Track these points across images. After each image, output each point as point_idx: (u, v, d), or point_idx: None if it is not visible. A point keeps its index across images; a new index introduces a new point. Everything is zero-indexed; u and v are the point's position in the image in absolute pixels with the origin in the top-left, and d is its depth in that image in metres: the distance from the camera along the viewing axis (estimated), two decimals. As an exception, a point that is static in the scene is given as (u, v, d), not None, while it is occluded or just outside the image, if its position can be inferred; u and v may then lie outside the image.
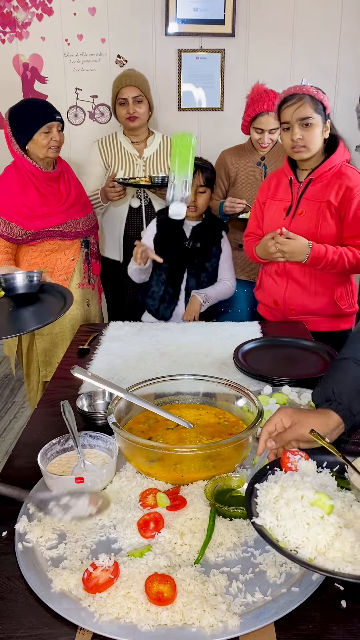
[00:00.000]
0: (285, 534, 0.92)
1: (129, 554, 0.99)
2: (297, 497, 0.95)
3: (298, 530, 0.91)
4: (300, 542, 0.90)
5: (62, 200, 2.44)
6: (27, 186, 2.37)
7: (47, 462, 1.21)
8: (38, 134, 2.29)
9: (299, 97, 1.97)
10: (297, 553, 0.90)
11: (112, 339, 1.99)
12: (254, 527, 0.94)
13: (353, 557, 0.88)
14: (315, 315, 2.15)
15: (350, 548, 0.89)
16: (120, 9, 3.39)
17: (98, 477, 1.14)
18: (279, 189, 2.20)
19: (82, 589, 0.92)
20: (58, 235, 2.44)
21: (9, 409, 3.46)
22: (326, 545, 0.89)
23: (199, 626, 0.86)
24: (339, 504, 0.96)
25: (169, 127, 3.48)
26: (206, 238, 2.33)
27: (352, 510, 0.96)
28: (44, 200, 2.40)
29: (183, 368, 1.72)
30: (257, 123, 2.71)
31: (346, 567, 0.85)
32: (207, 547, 1.00)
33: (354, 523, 0.93)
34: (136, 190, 2.86)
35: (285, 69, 3.52)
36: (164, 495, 1.10)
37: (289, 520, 0.93)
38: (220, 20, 3.39)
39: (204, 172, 2.25)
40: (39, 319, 1.63)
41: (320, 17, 3.41)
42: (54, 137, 2.32)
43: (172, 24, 3.39)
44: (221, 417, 1.36)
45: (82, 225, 2.51)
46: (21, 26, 3.42)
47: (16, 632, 0.87)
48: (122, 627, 0.86)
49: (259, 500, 0.99)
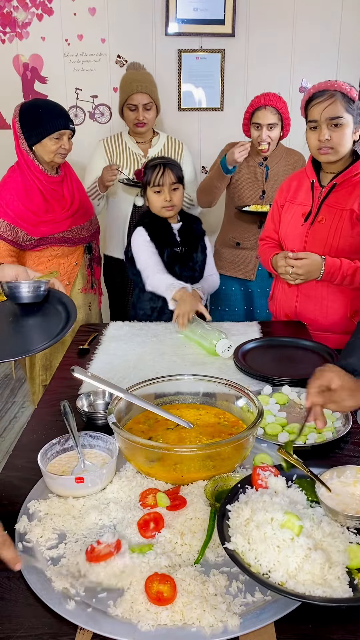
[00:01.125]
0: (257, 558, 0.92)
1: (131, 549, 0.99)
2: (267, 520, 0.95)
3: (269, 554, 0.91)
4: (271, 566, 0.90)
5: (67, 206, 2.43)
6: (31, 190, 2.36)
7: (47, 462, 1.21)
8: (49, 138, 2.28)
9: (330, 94, 1.83)
10: (268, 577, 0.89)
11: (112, 339, 1.99)
12: (226, 552, 0.94)
13: (323, 579, 0.88)
14: (328, 332, 2.03)
15: (319, 570, 0.89)
16: (120, 9, 3.39)
17: (98, 477, 1.14)
18: (299, 191, 2.07)
19: (84, 560, 0.97)
20: (62, 242, 2.44)
21: (9, 409, 3.46)
22: (296, 568, 0.89)
23: (199, 626, 0.86)
24: (308, 523, 0.96)
25: (169, 127, 3.49)
26: (192, 238, 2.29)
27: (321, 527, 0.96)
28: (49, 206, 2.38)
29: (183, 368, 1.72)
30: (255, 118, 2.69)
31: (316, 589, 0.86)
32: (207, 547, 1.00)
33: (323, 542, 0.94)
34: (140, 189, 2.86)
35: (285, 69, 3.52)
36: (164, 495, 1.10)
37: (259, 543, 0.92)
38: (220, 20, 3.39)
39: (173, 169, 2.21)
40: (38, 338, 1.37)
41: (320, 17, 3.41)
42: (64, 144, 2.31)
43: (172, 24, 3.39)
44: (221, 417, 1.36)
45: (85, 231, 2.52)
46: (21, 26, 3.42)
47: (16, 632, 0.87)
48: (122, 627, 0.86)
49: (230, 523, 0.99)
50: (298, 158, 2.87)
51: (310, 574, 0.88)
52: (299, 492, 1.07)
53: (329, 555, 0.91)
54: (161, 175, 2.18)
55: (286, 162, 2.83)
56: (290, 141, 2.91)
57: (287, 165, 2.81)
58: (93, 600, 0.91)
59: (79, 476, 1.12)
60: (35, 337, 1.38)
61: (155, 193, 2.21)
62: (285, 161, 2.83)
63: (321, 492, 1.04)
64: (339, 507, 1.01)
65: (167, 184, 2.19)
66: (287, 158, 2.84)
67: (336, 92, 1.83)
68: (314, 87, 1.89)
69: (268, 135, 2.70)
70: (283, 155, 2.84)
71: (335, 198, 1.96)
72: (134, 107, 2.79)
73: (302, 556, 0.90)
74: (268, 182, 2.80)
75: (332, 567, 0.89)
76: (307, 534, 0.94)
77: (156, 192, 2.20)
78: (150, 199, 2.24)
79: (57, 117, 2.29)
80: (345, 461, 1.24)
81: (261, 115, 2.67)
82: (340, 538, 0.95)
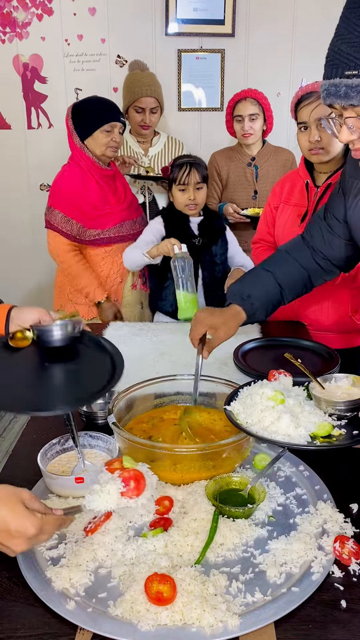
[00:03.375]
0: (246, 418, 1.18)
1: (143, 534, 1.02)
2: (259, 393, 1.20)
3: (253, 415, 1.17)
4: (253, 422, 1.16)
5: (122, 198, 2.48)
6: (89, 182, 2.40)
7: (47, 462, 1.21)
8: (100, 131, 2.32)
9: (317, 96, 1.82)
10: (247, 427, 1.15)
11: (112, 339, 1.98)
12: (225, 412, 1.22)
13: (286, 433, 1.12)
14: (329, 331, 2.03)
15: (285, 427, 1.12)
16: (120, 9, 3.39)
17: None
18: (293, 192, 2.06)
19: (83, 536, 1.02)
20: (117, 241, 2.47)
21: (9, 409, 3.46)
22: (270, 424, 1.13)
23: (199, 626, 0.86)
24: (292, 401, 1.18)
25: (169, 127, 3.49)
26: (212, 232, 2.35)
27: (301, 407, 1.18)
28: (105, 197, 2.43)
29: (183, 368, 1.72)
30: (236, 111, 2.74)
31: (278, 437, 1.11)
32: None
33: (300, 415, 1.15)
34: (140, 187, 2.88)
35: (285, 69, 3.52)
36: (129, 458, 1.05)
37: (249, 408, 1.19)
38: (220, 20, 3.39)
39: (198, 169, 2.27)
40: (84, 387, 1.17)
41: (320, 17, 3.41)
42: (115, 137, 2.35)
43: (172, 24, 3.39)
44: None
45: (138, 225, 2.54)
46: (21, 26, 3.42)
47: (16, 632, 0.87)
48: (122, 627, 0.86)
49: (237, 396, 1.25)
50: (287, 156, 2.89)
51: (276, 427, 1.12)
52: (301, 390, 1.26)
53: (300, 422, 1.13)
54: (187, 175, 2.25)
55: (275, 160, 2.84)
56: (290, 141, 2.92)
57: (276, 164, 2.83)
58: (93, 600, 0.91)
59: (79, 476, 1.12)
60: (80, 386, 1.18)
61: (180, 191, 2.28)
62: (275, 159, 2.84)
63: (315, 389, 1.22)
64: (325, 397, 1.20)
65: (192, 183, 2.26)
66: (276, 156, 2.85)
67: None
68: (301, 89, 1.92)
69: (250, 127, 2.73)
70: (272, 154, 2.85)
71: None
72: (141, 110, 2.83)
73: (276, 417, 1.13)
74: (259, 182, 2.81)
75: (297, 428, 1.11)
76: (288, 407, 1.16)
77: (181, 190, 2.27)
78: (175, 196, 2.31)
79: (107, 110, 2.34)
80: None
81: (241, 107, 2.71)
82: (317, 415, 1.16)
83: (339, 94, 1.11)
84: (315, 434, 1.13)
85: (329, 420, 1.15)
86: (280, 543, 1.02)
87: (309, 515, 1.09)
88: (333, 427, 1.14)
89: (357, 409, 1.16)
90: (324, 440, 1.12)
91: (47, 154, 3.51)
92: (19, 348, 1.24)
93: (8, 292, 3.88)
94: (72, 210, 2.39)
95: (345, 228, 1.56)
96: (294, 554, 0.99)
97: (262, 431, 1.13)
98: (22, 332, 1.24)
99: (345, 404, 1.16)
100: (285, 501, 1.14)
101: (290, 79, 3.52)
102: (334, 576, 0.96)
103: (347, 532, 1.04)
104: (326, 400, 1.18)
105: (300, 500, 1.14)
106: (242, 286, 1.57)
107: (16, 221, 3.73)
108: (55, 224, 2.42)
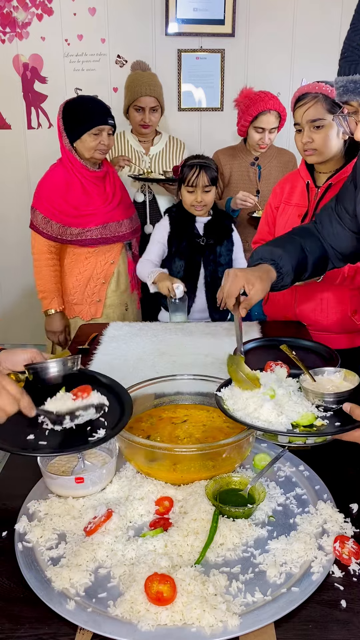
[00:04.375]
0: (233, 404, 1.22)
1: (143, 534, 1.02)
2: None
3: (239, 402, 1.21)
4: (238, 408, 1.20)
5: (108, 199, 2.47)
6: (72, 183, 2.41)
7: (47, 462, 1.21)
8: (87, 134, 2.32)
9: (312, 97, 1.85)
10: (232, 412, 1.19)
11: (112, 339, 1.99)
12: (215, 398, 1.26)
13: (267, 420, 1.15)
14: (329, 331, 2.03)
15: (267, 414, 1.15)
16: (120, 9, 3.39)
17: (98, 477, 1.14)
18: (294, 193, 2.07)
19: (83, 536, 1.03)
20: (100, 242, 2.46)
21: (9, 409, 3.46)
22: (253, 410, 1.17)
23: (199, 626, 0.86)
24: (282, 391, 1.22)
25: (169, 126, 3.49)
26: (218, 233, 2.37)
27: (289, 397, 1.21)
28: (90, 199, 2.43)
29: (183, 368, 1.72)
30: (259, 122, 2.70)
31: (258, 422, 1.14)
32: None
33: (285, 405, 1.18)
34: (141, 186, 2.89)
35: (285, 69, 3.52)
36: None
37: (237, 394, 1.23)
38: (220, 20, 3.39)
39: (208, 171, 2.29)
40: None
41: (320, 17, 3.41)
42: (103, 140, 2.34)
43: (172, 24, 3.39)
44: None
45: (124, 227, 2.53)
46: (21, 26, 3.42)
47: (16, 632, 0.87)
48: (122, 627, 0.86)
49: (230, 385, 1.28)
50: (289, 157, 2.89)
51: (258, 414, 1.15)
52: (294, 382, 1.28)
53: (284, 410, 1.16)
54: (196, 177, 2.28)
55: (278, 161, 2.85)
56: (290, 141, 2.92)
57: (279, 165, 2.84)
58: (93, 600, 0.91)
59: (79, 476, 1.12)
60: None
61: (188, 192, 2.31)
62: (277, 160, 2.85)
63: (306, 381, 1.24)
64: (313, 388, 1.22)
65: (200, 185, 2.28)
66: (279, 157, 2.86)
67: (318, 94, 1.85)
68: (298, 90, 1.92)
69: (269, 138, 2.74)
70: (275, 155, 2.85)
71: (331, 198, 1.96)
72: (141, 109, 2.83)
73: (259, 404, 1.17)
74: (261, 182, 2.81)
75: (280, 416, 1.14)
76: (275, 396, 1.19)
77: (189, 192, 2.30)
78: (183, 196, 2.34)
79: (95, 114, 2.33)
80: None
81: (265, 120, 2.69)
82: (303, 406, 1.18)
83: (358, 91, 1.09)
84: (298, 423, 1.15)
85: (313, 411, 1.17)
86: (280, 543, 1.02)
87: (309, 515, 1.09)
88: (316, 417, 1.15)
89: (343, 401, 1.16)
90: (304, 429, 1.13)
91: (47, 153, 3.50)
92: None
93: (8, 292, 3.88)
94: (52, 211, 2.40)
95: (354, 220, 1.55)
96: (294, 554, 0.99)
97: (245, 417, 1.17)
98: (15, 374, 1.14)
99: (332, 396, 1.18)
100: (285, 501, 1.14)
101: (290, 79, 3.52)
102: (334, 576, 0.96)
103: (347, 532, 1.04)
104: (313, 392, 1.20)
105: (300, 500, 1.14)
106: (274, 247, 1.56)
107: (16, 221, 3.73)
108: (37, 225, 2.44)
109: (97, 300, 2.54)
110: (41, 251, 2.46)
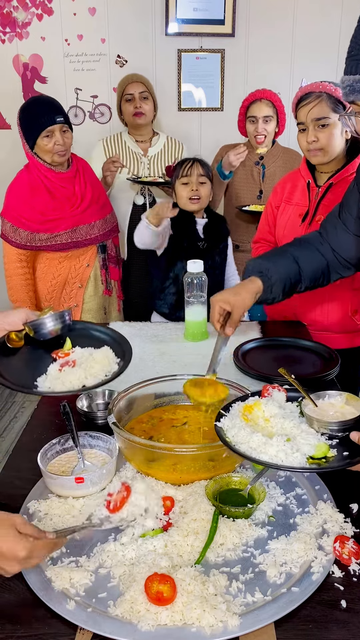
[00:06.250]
0: (234, 435, 1.10)
1: (142, 535, 1.01)
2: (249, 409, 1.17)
3: (241, 433, 1.09)
4: (241, 441, 1.08)
5: (77, 203, 2.40)
6: (38, 189, 2.34)
7: (47, 462, 1.21)
8: (40, 138, 2.25)
9: (316, 96, 1.84)
10: (234, 446, 1.07)
11: (112, 339, 1.99)
12: (215, 429, 1.14)
13: (274, 455, 1.03)
14: (329, 331, 2.02)
15: (275, 451, 1.03)
16: (120, 9, 3.39)
17: (98, 477, 1.14)
18: (294, 192, 2.06)
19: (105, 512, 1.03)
20: (71, 247, 2.41)
21: (9, 409, 3.46)
22: (258, 444, 1.05)
23: (199, 626, 0.86)
24: (289, 424, 1.12)
25: (169, 127, 3.48)
26: (216, 236, 2.34)
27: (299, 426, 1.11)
28: (57, 204, 2.36)
29: (183, 368, 1.72)
30: (250, 111, 2.71)
31: (262, 456, 1.03)
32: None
33: (297, 437, 1.08)
34: (140, 188, 2.88)
35: (286, 68, 3.52)
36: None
37: (238, 425, 1.11)
38: (220, 20, 3.39)
39: (202, 164, 2.27)
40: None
41: (320, 17, 3.41)
42: (57, 140, 2.25)
43: (172, 24, 3.39)
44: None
45: (97, 229, 2.47)
46: (21, 26, 3.42)
47: (16, 632, 0.87)
48: (122, 627, 0.86)
49: (229, 413, 1.18)
50: (295, 157, 2.87)
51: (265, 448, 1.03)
52: (294, 406, 1.19)
53: (296, 442, 1.05)
54: (190, 167, 2.24)
55: (283, 161, 2.83)
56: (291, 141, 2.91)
57: (284, 165, 2.81)
58: (93, 600, 0.91)
59: (79, 476, 1.12)
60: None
61: (182, 185, 2.26)
62: (282, 160, 2.83)
63: (307, 407, 1.15)
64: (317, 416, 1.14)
65: (195, 174, 2.25)
66: (284, 157, 2.84)
67: (322, 93, 1.85)
68: (301, 89, 1.91)
69: (264, 129, 2.71)
70: (280, 155, 2.84)
71: (332, 198, 1.94)
72: (131, 97, 2.83)
73: (263, 441, 1.05)
74: (265, 182, 2.80)
75: (295, 453, 1.02)
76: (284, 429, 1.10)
77: (184, 184, 2.26)
78: (177, 192, 2.30)
79: (41, 116, 2.24)
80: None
81: (256, 108, 2.68)
82: (313, 436, 1.08)
83: None
84: (313, 456, 1.06)
85: (323, 440, 1.09)
86: (280, 543, 1.02)
87: (309, 515, 1.09)
88: (329, 448, 1.07)
89: (349, 430, 1.10)
90: (313, 462, 1.04)
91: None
92: (15, 349, 1.31)
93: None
94: (19, 218, 2.34)
95: (358, 222, 1.55)
96: (294, 554, 0.99)
97: (251, 451, 1.06)
98: (16, 333, 1.30)
99: (338, 425, 1.11)
100: (285, 501, 1.14)
101: (290, 79, 3.51)
102: (334, 576, 0.96)
103: (347, 532, 1.04)
104: (319, 421, 1.12)
105: (300, 500, 1.14)
106: (262, 260, 1.60)
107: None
108: (5, 234, 2.39)
109: (74, 305, 2.49)
110: (11, 260, 2.40)
